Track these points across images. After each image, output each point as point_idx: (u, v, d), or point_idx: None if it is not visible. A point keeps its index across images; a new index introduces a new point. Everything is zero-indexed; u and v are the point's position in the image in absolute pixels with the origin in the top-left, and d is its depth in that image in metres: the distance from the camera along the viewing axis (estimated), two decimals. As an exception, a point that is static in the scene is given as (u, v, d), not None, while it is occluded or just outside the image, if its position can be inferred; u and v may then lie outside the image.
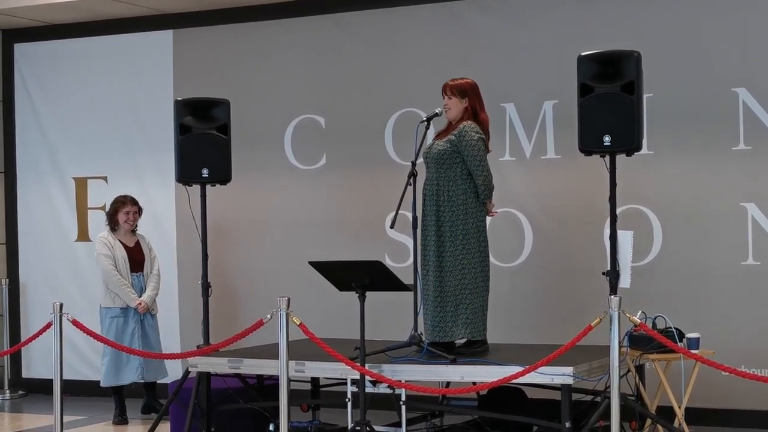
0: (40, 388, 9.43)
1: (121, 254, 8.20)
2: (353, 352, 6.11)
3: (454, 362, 6.21)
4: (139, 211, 8.38)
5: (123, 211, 8.27)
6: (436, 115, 6.64)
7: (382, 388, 6.23)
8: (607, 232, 6.44)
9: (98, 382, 9.30)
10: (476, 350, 6.50)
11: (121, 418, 8.24)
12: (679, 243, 7.58)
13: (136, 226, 8.40)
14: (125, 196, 8.39)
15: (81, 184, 9.63)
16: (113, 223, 8.30)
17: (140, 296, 8.20)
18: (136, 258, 8.29)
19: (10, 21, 9.52)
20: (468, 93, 6.59)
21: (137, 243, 8.36)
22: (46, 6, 8.95)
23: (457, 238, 6.45)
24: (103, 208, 9.49)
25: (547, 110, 7.98)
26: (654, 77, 7.02)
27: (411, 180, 6.49)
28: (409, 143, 6.91)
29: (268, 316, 6.03)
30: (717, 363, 5.57)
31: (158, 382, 8.38)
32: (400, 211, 6.43)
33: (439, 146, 6.54)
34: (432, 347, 6.39)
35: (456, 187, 6.48)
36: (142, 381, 8.23)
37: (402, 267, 7.75)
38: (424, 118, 6.68)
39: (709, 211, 7.51)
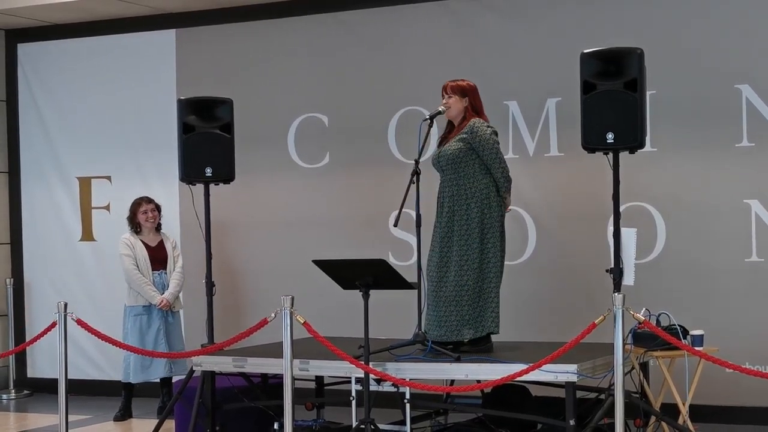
0: (45, 388, 9.43)
1: (142, 253, 8.32)
2: (357, 351, 6.11)
3: (458, 360, 6.22)
4: (158, 208, 8.50)
5: (141, 211, 8.42)
6: (440, 113, 6.65)
7: (387, 387, 6.23)
8: (610, 229, 6.44)
9: (104, 381, 9.36)
10: (481, 348, 6.51)
11: (122, 413, 8.28)
12: (683, 240, 7.58)
13: (159, 224, 8.52)
14: (140, 197, 8.53)
15: (85, 183, 9.64)
16: (135, 226, 8.44)
17: (162, 293, 8.26)
18: (158, 256, 8.40)
19: (13, 21, 9.53)
20: (468, 92, 6.63)
21: (160, 242, 8.47)
22: (48, 6, 8.96)
23: (473, 233, 6.46)
24: (107, 207, 9.52)
25: (550, 108, 7.99)
26: (657, 74, 7.01)
27: (414, 178, 6.51)
28: (412, 142, 6.90)
29: (272, 314, 6.03)
30: (721, 360, 5.57)
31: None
32: (403, 210, 6.45)
33: (451, 147, 6.55)
34: (438, 345, 6.41)
35: (477, 182, 6.50)
36: (170, 375, 8.31)
37: (406, 265, 7.76)
38: (427, 116, 6.68)
39: (712, 208, 7.51)
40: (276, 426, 6.77)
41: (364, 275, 6.09)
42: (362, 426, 6.06)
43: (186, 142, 7.41)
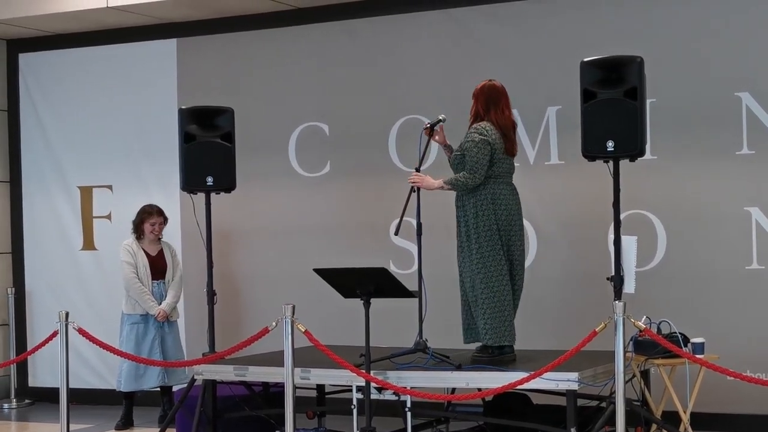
0: (47, 397, 9.44)
1: (143, 262, 8.28)
2: (358, 359, 6.12)
3: (459, 368, 6.22)
4: (165, 221, 8.44)
5: (149, 221, 8.35)
6: (440, 121, 6.65)
7: (388, 395, 6.23)
8: (611, 237, 6.44)
9: (105, 390, 9.34)
10: (502, 357, 6.49)
11: (124, 422, 8.27)
12: (683, 248, 7.58)
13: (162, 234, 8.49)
14: (151, 206, 8.46)
15: (86, 193, 9.64)
16: (139, 232, 8.38)
17: (160, 303, 8.25)
18: (158, 266, 8.35)
19: (14, 31, 9.55)
20: (475, 95, 6.56)
21: (161, 251, 8.43)
22: (50, 16, 8.98)
23: (471, 241, 6.44)
24: (108, 216, 9.53)
25: (551, 116, 8.00)
26: (657, 82, 7.03)
27: (415, 187, 6.52)
28: (413, 150, 6.91)
29: (274, 323, 6.04)
30: (722, 367, 5.57)
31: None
32: (404, 218, 6.45)
33: (455, 153, 6.57)
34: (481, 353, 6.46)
35: (468, 193, 6.48)
36: (164, 385, 8.28)
37: (407, 274, 7.75)
38: (428, 124, 6.68)
39: (712, 215, 7.51)
40: (277, 434, 6.78)
41: (365, 284, 6.10)
42: (363, 434, 6.07)
43: (187, 151, 7.43)
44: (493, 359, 6.42)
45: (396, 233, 6.55)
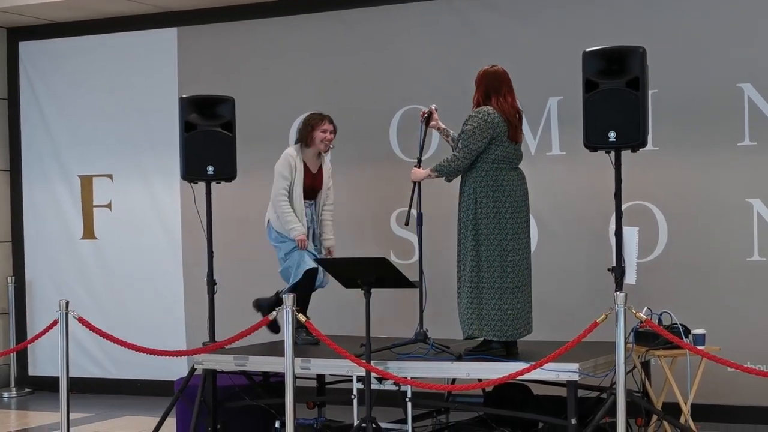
0: (47, 386, 9.45)
1: (300, 179, 7.34)
2: (359, 349, 6.11)
3: (459, 359, 6.22)
4: (335, 130, 7.41)
5: (320, 128, 7.32)
6: (434, 109, 6.59)
7: (388, 385, 6.23)
8: (612, 228, 6.43)
9: (105, 379, 9.37)
10: (482, 351, 6.40)
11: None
12: (685, 239, 7.58)
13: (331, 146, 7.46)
14: (320, 113, 7.41)
15: (86, 182, 9.64)
16: (308, 141, 7.34)
17: (307, 222, 7.43)
18: (315, 185, 7.44)
19: (15, 19, 9.53)
20: (476, 82, 6.42)
21: (320, 169, 7.48)
22: (50, 4, 8.96)
23: (468, 233, 6.32)
24: (108, 205, 9.52)
25: (552, 106, 7.99)
26: (659, 73, 7.01)
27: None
28: (413, 140, 6.90)
29: (274, 313, 6.03)
30: (723, 359, 5.57)
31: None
32: (405, 208, 6.44)
33: (456, 139, 6.47)
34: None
35: (468, 177, 6.35)
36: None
37: (407, 264, 7.75)
38: (424, 113, 6.60)
39: (714, 207, 7.51)
40: (277, 424, 6.77)
41: (366, 274, 6.08)
42: (363, 425, 6.06)
43: (188, 141, 7.41)
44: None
45: (406, 224, 6.47)
